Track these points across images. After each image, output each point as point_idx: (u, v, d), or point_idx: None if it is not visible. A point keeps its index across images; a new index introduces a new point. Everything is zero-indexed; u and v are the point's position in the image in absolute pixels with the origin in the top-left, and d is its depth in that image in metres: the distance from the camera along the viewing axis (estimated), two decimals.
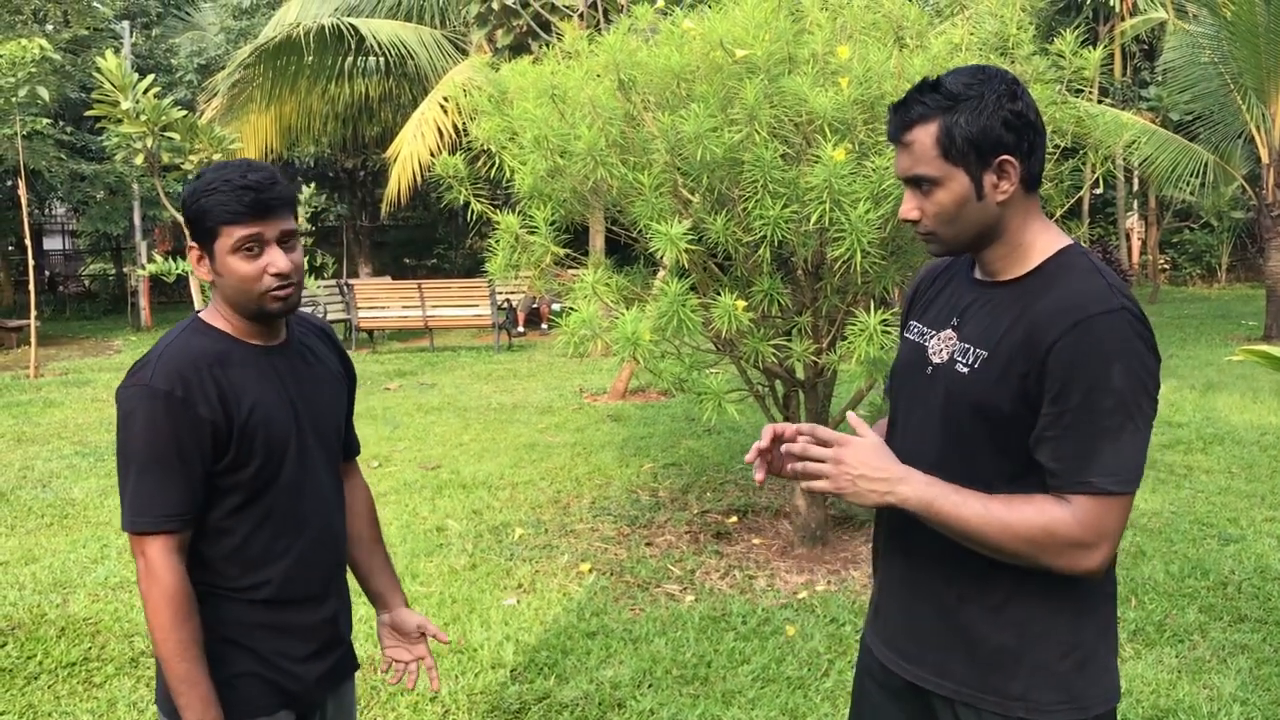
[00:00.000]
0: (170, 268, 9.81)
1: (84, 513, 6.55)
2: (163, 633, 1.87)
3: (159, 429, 1.87)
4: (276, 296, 1.94)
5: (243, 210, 1.89)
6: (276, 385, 2.00)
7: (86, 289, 24.89)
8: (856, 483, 1.67)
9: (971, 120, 1.66)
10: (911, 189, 1.74)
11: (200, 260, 1.96)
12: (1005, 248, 1.74)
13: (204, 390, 1.89)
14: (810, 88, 4.23)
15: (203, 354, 1.93)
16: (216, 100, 17.56)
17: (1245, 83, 13.60)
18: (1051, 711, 1.70)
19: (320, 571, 2.08)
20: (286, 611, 2.03)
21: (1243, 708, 3.74)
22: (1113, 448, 1.60)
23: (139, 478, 1.90)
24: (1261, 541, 5.55)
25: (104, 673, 4.19)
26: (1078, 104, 4.93)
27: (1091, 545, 1.61)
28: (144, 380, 1.90)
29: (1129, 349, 1.60)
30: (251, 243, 1.90)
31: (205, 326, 2.00)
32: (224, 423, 1.91)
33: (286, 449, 1.99)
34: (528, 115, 4.80)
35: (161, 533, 1.89)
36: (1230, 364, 11.34)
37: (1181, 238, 23.86)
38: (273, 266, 1.92)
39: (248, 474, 1.95)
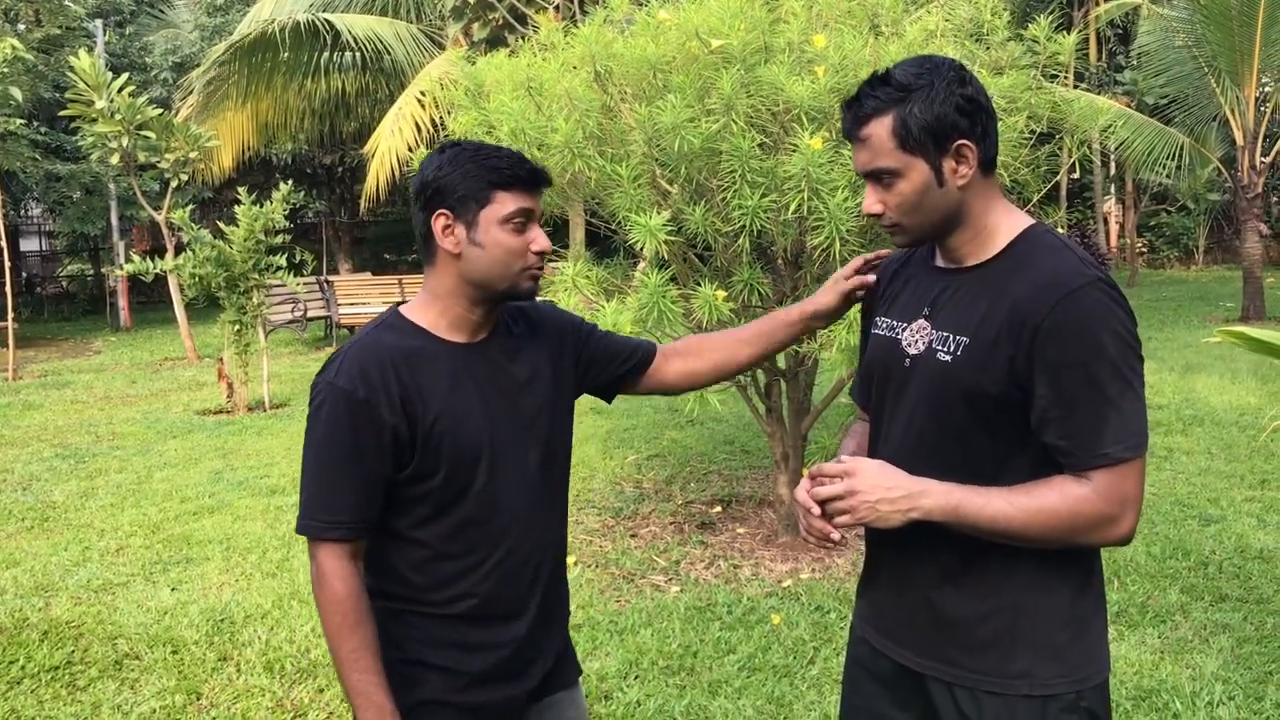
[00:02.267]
0: (149, 267, 9.74)
1: (65, 515, 6.51)
2: (333, 641, 1.79)
3: (337, 429, 1.79)
4: (534, 275, 1.87)
5: (524, 179, 1.83)
6: (470, 389, 1.87)
7: (64, 290, 24.70)
8: (877, 508, 1.67)
9: (925, 109, 1.66)
10: (872, 183, 1.74)
11: (448, 230, 1.84)
12: (970, 232, 1.75)
13: (388, 392, 1.79)
14: (786, 77, 4.24)
15: (391, 352, 1.83)
16: (192, 98, 17.43)
17: (1219, 66, 13.67)
18: (1052, 684, 1.72)
19: (517, 588, 1.93)
20: (477, 629, 1.90)
21: (1225, 686, 3.77)
22: (1118, 415, 1.62)
23: (315, 477, 1.82)
24: (1241, 521, 5.59)
25: (87, 676, 4.17)
26: (1053, 89, 4.95)
27: (1119, 516, 1.63)
28: (330, 376, 1.82)
29: (1112, 316, 1.63)
30: (523, 216, 1.83)
31: (401, 321, 1.90)
32: (406, 428, 1.80)
33: (479, 459, 1.86)
34: (504, 108, 4.79)
35: (331, 539, 1.80)
36: (1209, 345, 11.41)
37: (1159, 221, 23.99)
38: (536, 244, 1.85)
39: (434, 484, 1.84)
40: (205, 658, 4.30)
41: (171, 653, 4.35)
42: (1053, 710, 1.72)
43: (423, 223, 1.86)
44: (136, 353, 15.41)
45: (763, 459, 7.23)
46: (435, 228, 1.84)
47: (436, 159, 1.85)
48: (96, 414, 10.23)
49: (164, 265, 9.92)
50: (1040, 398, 1.65)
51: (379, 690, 1.78)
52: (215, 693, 4.00)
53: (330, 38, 16.61)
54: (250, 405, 10.16)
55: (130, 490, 7.07)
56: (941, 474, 1.71)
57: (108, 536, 6.02)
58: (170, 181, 13.58)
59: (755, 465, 7.16)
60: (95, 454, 8.30)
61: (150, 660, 4.29)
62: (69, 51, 15.23)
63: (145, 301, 22.94)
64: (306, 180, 22.32)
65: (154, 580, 5.24)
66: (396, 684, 1.84)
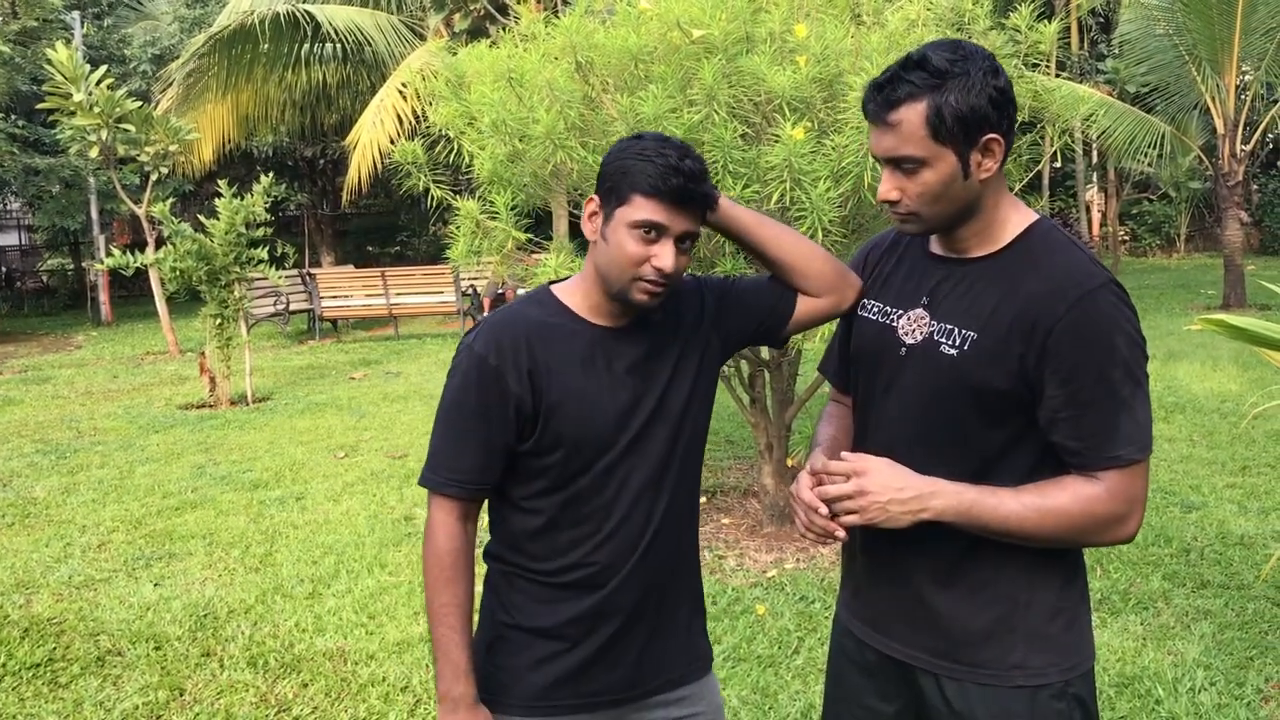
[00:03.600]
0: (129, 261, 9.68)
1: (46, 511, 6.47)
2: (429, 592, 1.84)
3: (467, 391, 1.82)
4: (647, 290, 1.80)
5: (664, 191, 1.76)
6: (602, 371, 1.85)
7: (45, 285, 24.53)
8: (887, 509, 1.66)
9: (961, 99, 1.60)
10: (891, 169, 1.68)
11: (593, 216, 1.84)
12: (979, 224, 1.73)
13: (517, 363, 1.81)
14: (768, 67, 4.23)
15: (529, 325, 1.84)
16: (172, 90, 17.34)
17: (1200, 54, 13.72)
18: (1045, 673, 1.72)
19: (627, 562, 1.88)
20: (584, 598, 1.88)
21: (1206, 672, 3.79)
22: (1130, 417, 1.62)
23: (440, 434, 1.86)
24: (1222, 508, 5.62)
25: (69, 673, 4.14)
26: (1034, 78, 4.95)
27: (1128, 515, 1.64)
28: (469, 340, 1.85)
29: (1123, 317, 1.63)
30: (653, 228, 1.77)
31: (549, 297, 1.90)
32: (530, 401, 1.81)
33: (601, 441, 1.85)
34: (485, 100, 4.77)
35: (445, 495, 1.84)
36: (1190, 333, 11.47)
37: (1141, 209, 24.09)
38: (658, 260, 1.78)
39: (554, 459, 1.84)
40: (188, 653, 4.28)
41: (154, 649, 4.33)
42: (1042, 698, 1.72)
43: None
44: (118, 347, 15.32)
45: (747, 449, 7.23)
46: (586, 210, 1.85)
47: (621, 144, 1.82)
48: (78, 409, 10.17)
49: (145, 259, 9.86)
50: (1051, 398, 1.64)
51: (458, 648, 1.82)
52: (198, 688, 3.98)
53: (310, 29, 16.53)
54: (233, 399, 10.12)
55: (112, 485, 7.03)
56: (938, 465, 1.70)
57: (89, 532, 5.98)
58: (150, 175, 13.50)
59: (740, 455, 7.17)
60: (76, 449, 8.25)
61: (133, 656, 4.27)
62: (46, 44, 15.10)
63: (126, 296, 22.81)
64: (288, 173, 22.21)
65: (136, 576, 5.21)
66: (501, 648, 1.88)
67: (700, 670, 2.05)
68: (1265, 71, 13.80)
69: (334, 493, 6.67)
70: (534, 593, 1.90)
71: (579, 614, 1.89)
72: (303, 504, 6.43)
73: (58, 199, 19.06)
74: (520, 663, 1.90)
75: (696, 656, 2.05)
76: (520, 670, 1.89)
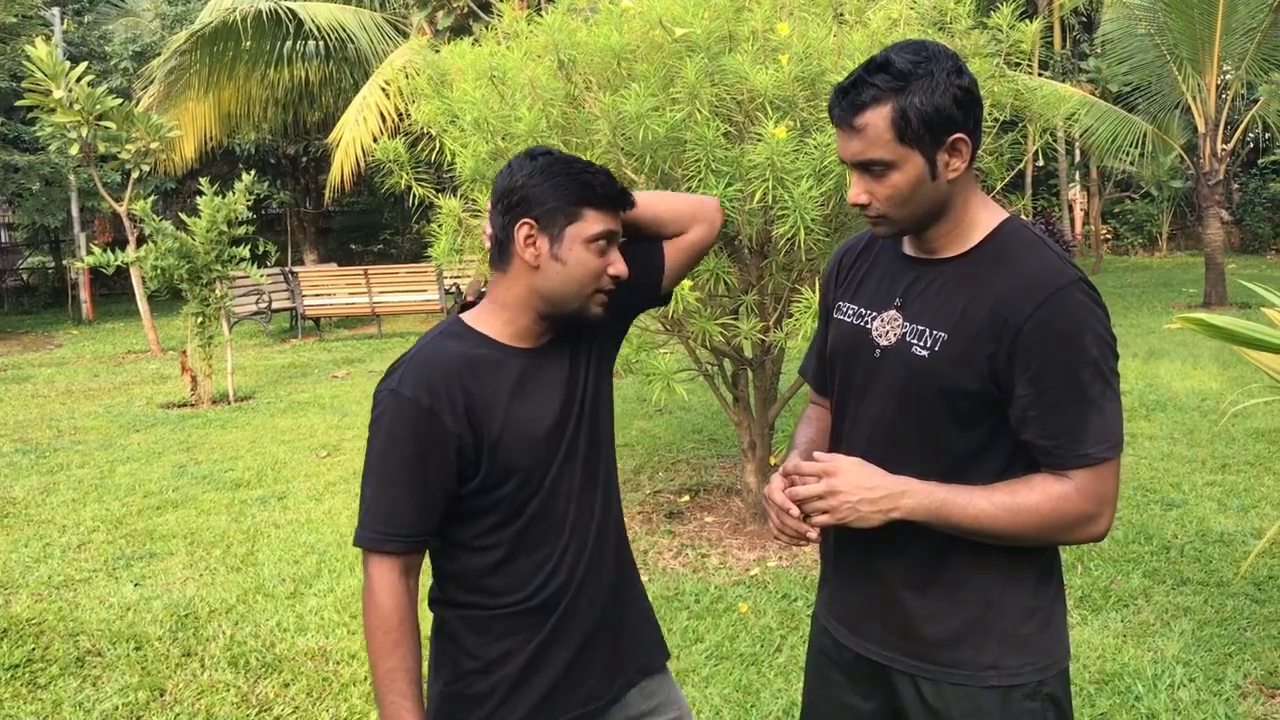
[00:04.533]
0: (110, 259, 9.62)
1: (25, 511, 6.43)
2: (373, 656, 1.76)
3: (400, 439, 1.74)
4: (603, 301, 1.83)
5: (613, 201, 1.79)
6: (534, 393, 1.84)
7: (25, 283, 24.34)
8: (858, 508, 1.66)
9: (925, 99, 1.60)
10: (860, 173, 1.69)
11: (530, 240, 1.78)
12: (949, 224, 1.73)
13: (452, 401, 1.75)
14: (750, 65, 4.23)
15: (456, 359, 1.79)
16: (153, 88, 17.23)
17: (1181, 54, 13.78)
18: (1020, 673, 1.73)
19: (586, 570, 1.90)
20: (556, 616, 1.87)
21: (1185, 669, 3.82)
22: (1099, 416, 1.63)
23: (374, 487, 1.77)
24: (1202, 505, 5.65)
25: (48, 674, 4.11)
26: (1016, 77, 4.97)
27: (1098, 514, 1.65)
28: (393, 384, 1.77)
29: (1093, 316, 1.63)
30: (607, 237, 1.79)
31: (464, 329, 1.86)
32: (471, 440, 1.76)
33: (549, 462, 1.84)
34: (468, 98, 4.76)
35: (384, 552, 1.76)
36: (1171, 331, 11.52)
37: (1123, 208, 24.18)
38: (614, 268, 1.81)
39: (504, 492, 1.81)
40: (169, 653, 4.26)
41: (134, 649, 4.31)
42: (1016, 698, 1.73)
43: (501, 227, 1.82)
44: (99, 346, 15.23)
45: (730, 448, 7.23)
46: (517, 236, 1.79)
47: (527, 165, 1.80)
48: (58, 408, 10.10)
49: (126, 257, 9.80)
50: (1021, 397, 1.65)
51: (410, 714, 1.75)
52: (179, 689, 3.96)
53: (293, 26, 16.45)
54: (214, 398, 10.07)
55: (92, 485, 6.99)
56: (913, 466, 1.71)
57: (69, 532, 5.95)
58: (131, 172, 13.41)
59: (723, 454, 7.17)
60: (56, 449, 8.20)
61: (112, 657, 4.25)
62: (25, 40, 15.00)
63: (108, 294, 22.66)
64: (270, 170, 22.10)
65: (116, 576, 5.19)
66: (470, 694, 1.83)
67: (663, 653, 2.07)
68: (1245, 71, 13.87)
69: (316, 492, 6.64)
70: (498, 629, 1.86)
71: (548, 635, 1.86)
72: (284, 503, 6.41)
73: (38, 196, 18.90)
74: (494, 703, 1.85)
75: (657, 640, 2.07)
76: (497, 710, 1.85)
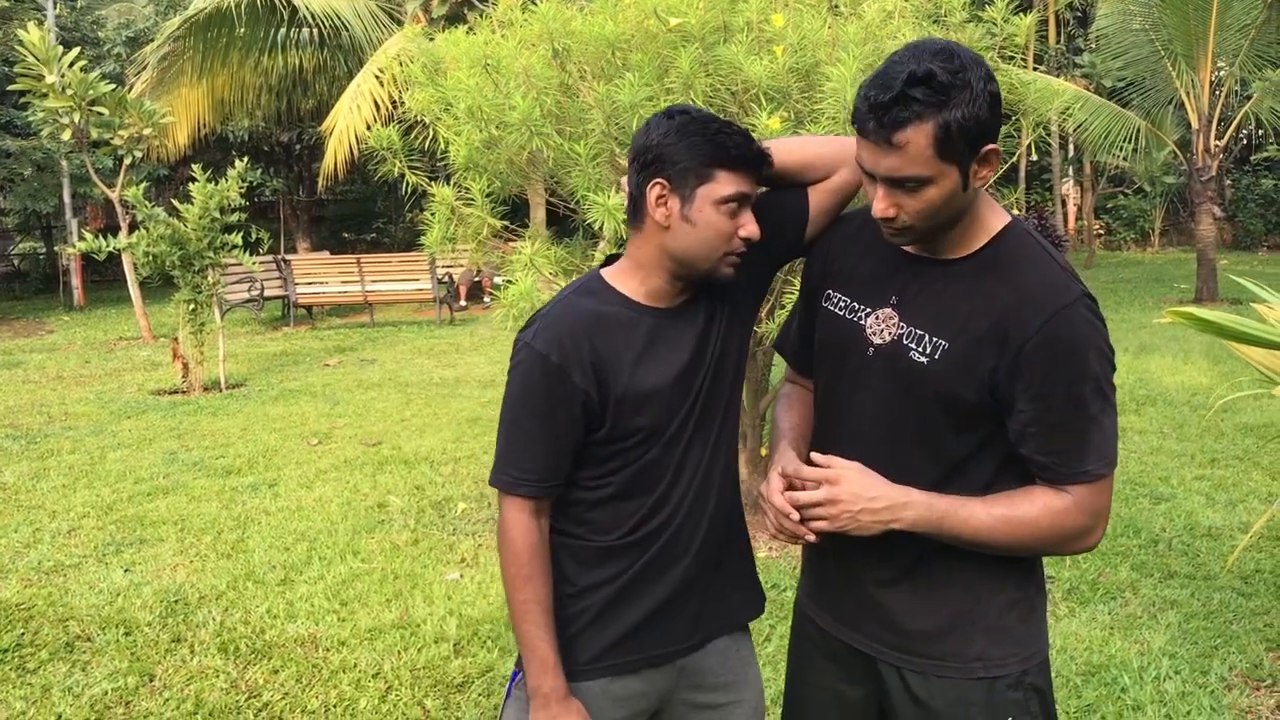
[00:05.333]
0: (102, 245, 9.58)
1: (15, 496, 6.41)
2: (510, 590, 1.84)
3: (531, 391, 1.81)
4: (734, 262, 1.83)
5: (749, 161, 1.78)
6: (664, 352, 1.86)
7: (16, 269, 24.28)
8: (859, 518, 1.66)
9: (967, 113, 1.53)
10: (891, 188, 1.61)
11: (662, 200, 1.79)
12: (960, 227, 1.69)
13: (580, 358, 1.79)
14: (745, 56, 4.22)
15: (586, 317, 1.83)
16: (146, 74, 17.19)
17: (1175, 49, 13.80)
18: (1005, 663, 1.75)
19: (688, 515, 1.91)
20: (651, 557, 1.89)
21: (1171, 661, 3.84)
22: (1100, 433, 1.64)
23: (507, 433, 1.85)
24: (1191, 499, 5.67)
25: (38, 658, 4.11)
26: (1010, 70, 4.97)
27: (1094, 527, 1.68)
28: (528, 338, 1.82)
29: (1095, 333, 1.63)
30: (740, 199, 1.78)
31: (601, 285, 1.88)
32: (597, 394, 1.81)
33: (672, 420, 1.87)
34: (462, 86, 4.74)
35: (517, 495, 1.83)
36: (1162, 326, 11.56)
37: (1116, 203, 24.24)
38: (746, 229, 1.80)
39: (629, 444, 1.85)
40: (158, 639, 4.26)
41: (124, 634, 4.31)
42: (1000, 688, 1.74)
43: (636, 186, 1.82)
44: (90, 332, 15.20)
45: None
46: (649, 195, 1.80)
47: (665, 123, 1.79)
48: (49, 394, 10.08)
49: (118, 243, 9.77)
50: (1021, 413, 1.64)
51: (544, 643, 1.82)
52: (168, 674, 3.96)
53: (287, 13, 16.42)
54: (206, 385, 10.05)
55: (83, 471, 6.98)
56: (906, 467, 1.71)
57: (59, 518, 5.94)
58: (124, 159, 13.37)
59: None
60: (47, 434, 8.18)
61: (102, 642, 4.25)
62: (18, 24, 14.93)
63: (99, 280, 22.60)
64: (264, 158, 22.05)
65: (106, 561, 5.18)
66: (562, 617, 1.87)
67: (752, 609, 2.07)
68: (1239, 67, 13.91)
69: (307, 479, 6.64)
70: (595, 559, 1.90)
71: (641, 569, 1.89)
72: (275, 491, 6.41)
73: (29, 182, 18.85)
74: (582, 625, 1.90)
75: (751, 599, 2.07)
76: (583, 631, 1.90)
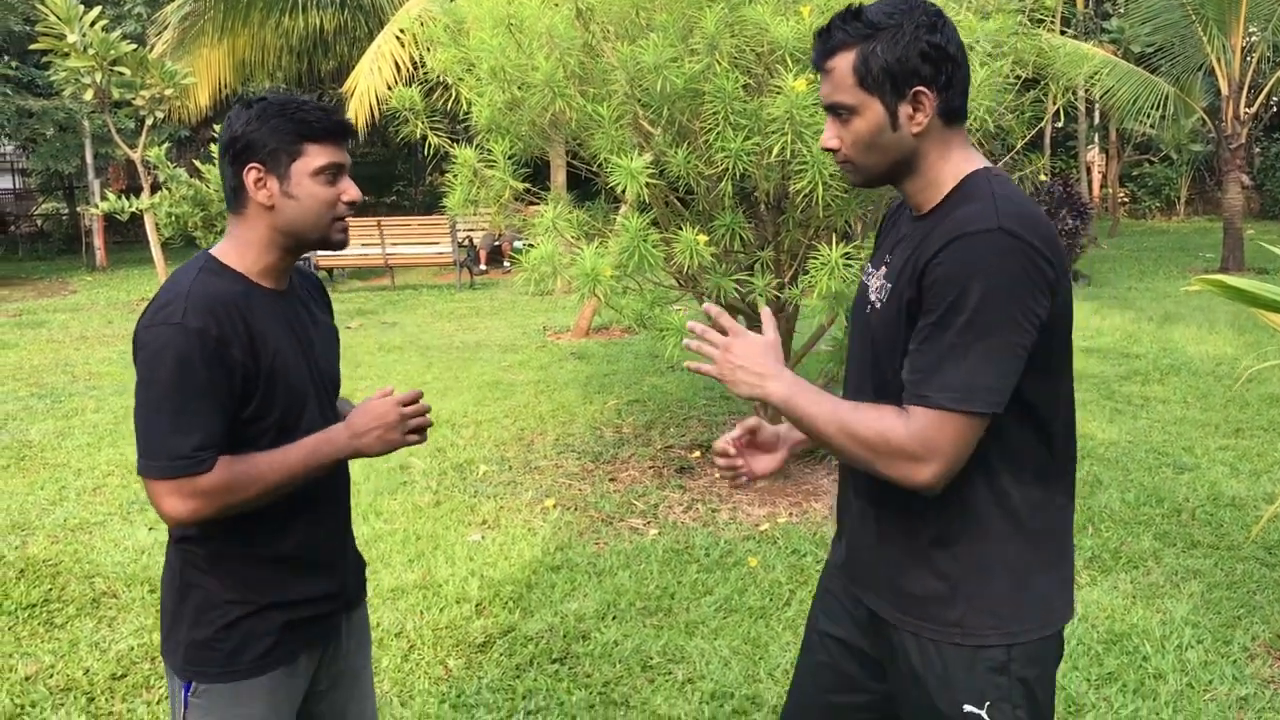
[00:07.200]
0: (124, 205, 9.62)
1: (41, 454, 6.47)
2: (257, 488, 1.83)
3: (193, 368, 1.78)
4: (344, 227, 1.94)
5: (334, 131, 1.89)
6: (288, 332, 1.94)
7: (39, 229, 24.41)
8: (735, 373, 1.74)
9: (888, 49, 1.65)
10: (832, 117, 1.75)
11: (260, 183, 1.87)
12: (922, 180, 1.74)
13: (235, 330, 1.81)
14: (771, 17, 4.18)
15: (228, 294, 1.85)
16: (167, 34, 17.15)
17: (1206, 14, 13.59)
18: (983, 634, 1.73)
19: (333, 527, 2.05)
20: (303, 567, 1.98)
21: (1194, 630, 3.83)
22: (956, 365, 1.59)
23: (167, 419, 1.78)
24: (1215, 469, 5.64)
25: (65, 614, 4.16)
26: (1040, 34, 4.91)
27: (921, 458, 1.62)
28: (174, 319, 1.78)
29: (994, 267, 1.58)
30: (334, 168, 1.90)
31: (220, 267, 1.90)
32: (253, 365, 1.84)
33: (306, 398, 1.94)
34: (484, 46, 4.72)
35: (196, 473, 1.78)
36: (1187, 295, 11.46)
37: (1141, 171, 23.99)
38: (346, 195, 1.92)
39: (270, 422, 1.88)
40: None
41: (149, 591, 4.35)
42: (981, 666, 1.73)
43: (232, 175, 1.90)
44: (113, 292, 15.27)
45: (742, 405, 7.24)
46: (247, 181, 1.88)
47: (244, 113, 1.88)
48: (73, 353, 10.15)
49: (140, 204, 9.80)
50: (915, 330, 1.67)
51: (286, 453, 1.86)
52: None
53: None
54: None
55: (107, 430, 7.03)
56: None
57: (84, 476, 5.99)
58: (145, 119, 13.37)
59: (735, 411, 7.18)
60: (71, 393, 8.25)
61: (128, 599, 4.29)
62: None
63: (121, 241, 22.70)
64: None
65: (131, 520, 5.23)
66: (224, 624, 1.91)
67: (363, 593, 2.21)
68: (1272, 32, 13.68)
69: None
70: (252, 571, 1.95)
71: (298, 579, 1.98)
72: None
73: (52, 142, 18.90)
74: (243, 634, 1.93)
75: (364, 578, 2.22)
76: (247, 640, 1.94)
